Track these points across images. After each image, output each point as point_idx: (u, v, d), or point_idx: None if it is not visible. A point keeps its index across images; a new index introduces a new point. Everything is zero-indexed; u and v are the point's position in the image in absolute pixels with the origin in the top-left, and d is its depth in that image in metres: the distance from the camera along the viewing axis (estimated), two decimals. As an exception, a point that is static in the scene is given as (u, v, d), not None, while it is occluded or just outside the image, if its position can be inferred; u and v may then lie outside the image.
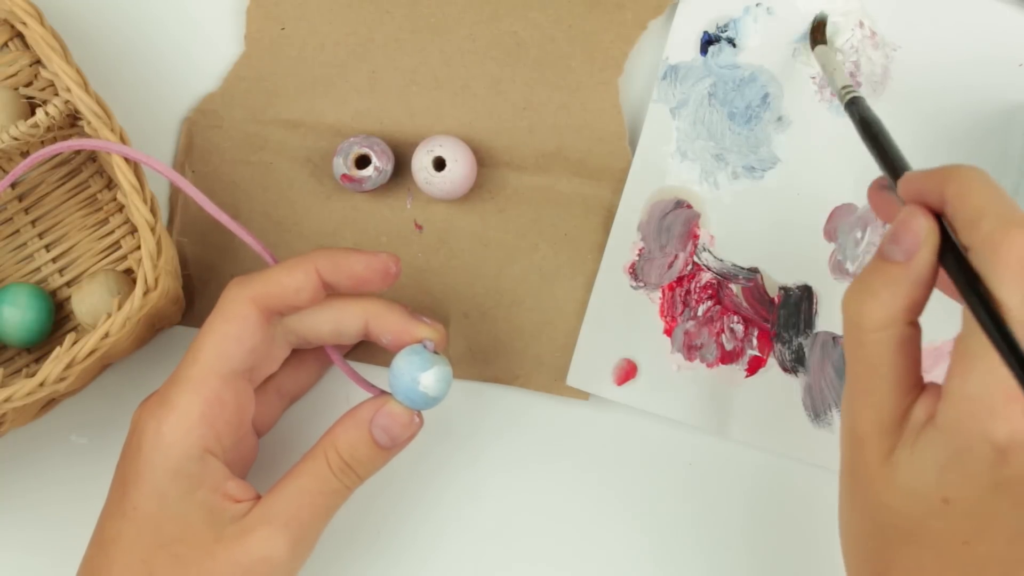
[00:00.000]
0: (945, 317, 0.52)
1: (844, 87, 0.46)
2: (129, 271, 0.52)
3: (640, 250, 0.52)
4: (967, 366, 0.34)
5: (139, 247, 0.50)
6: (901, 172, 0.39)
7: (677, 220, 0.53)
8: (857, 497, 0.38)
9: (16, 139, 0.47)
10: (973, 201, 0.35)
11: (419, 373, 0.44)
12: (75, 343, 0.44)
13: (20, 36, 0.50)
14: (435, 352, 0.45)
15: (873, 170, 0.53)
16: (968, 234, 0.35)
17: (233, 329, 0.44)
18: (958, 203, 0.35)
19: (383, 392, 0.46)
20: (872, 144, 0.42)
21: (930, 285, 0.37)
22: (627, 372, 0.52)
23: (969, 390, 0.34)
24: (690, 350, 0.52)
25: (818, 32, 0.51)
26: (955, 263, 0.35)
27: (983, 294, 0.34)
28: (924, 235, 0.36)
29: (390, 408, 0.44)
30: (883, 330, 0.36)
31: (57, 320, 0.52)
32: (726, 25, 0.53)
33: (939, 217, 0.37)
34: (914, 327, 0.37)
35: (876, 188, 0.42)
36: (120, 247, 0.53)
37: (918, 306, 0.37)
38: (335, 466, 0.44)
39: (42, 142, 0.51)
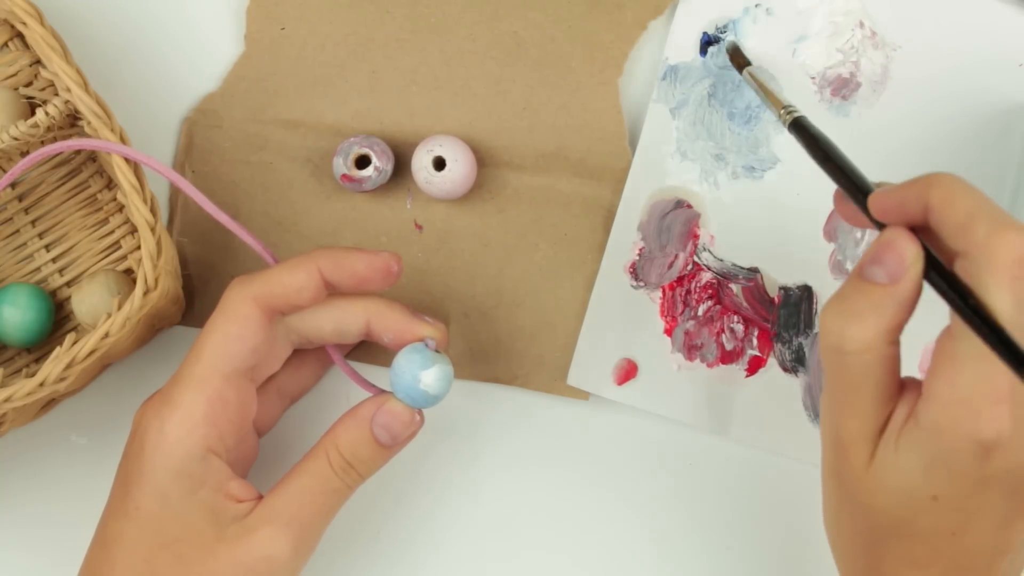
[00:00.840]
0: (946, 317, 0.52)
1: (785, 107, 0.45)
2: (129, 271, 0.52)
3: (640, 250, 0.52)
4: (954, 369, 0.35)
5: (139, 247, 0.50)
6: (865, 187, 0.39)
7: (677, 220, 0.53)
8: (844, 499, 0.39)
9: (16, 139, 0.47)
10: (962, 206, 0.35)
11: (420, 371, 0.44)
12: (75, 343, 0.44)
13: (20, 36, 0.50)
14: (436, 351, 0.45)
15: (872, 167, 0.53)
16: (959, 240, 0.35)
17: (235, 329, 0.44)
18: (945, 210, 0.35)
19: (383, 391, 0.46)
20: (826, 163, 0.41)
21: (913, 305, 0.37)
22: (627, 372, 0.52)
23: (956, 393, 0.35)
24: (690, 350, 0.52)
25: (737, 58, 0.51)
26: (943, 279, 0.35)
27: (977, 304, 0.34)
28: (911, 258, 0.36)
29: (391, 406, 0.44)
30: (866, 352, 0.37)
31: (57, 320, 0.52)
32: (726, 25, 0.53)
33: (916, 231, 0.37)
34: (895, 346, 0.37)
35: (843, 198, 0.41)
36: (120, 247, 0.53)
37: (901, 327, 0.37)
38: (336, 465, 0.44)
39: (42, 142, 0.51)
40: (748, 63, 0.51)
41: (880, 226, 0.37)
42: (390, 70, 0.53)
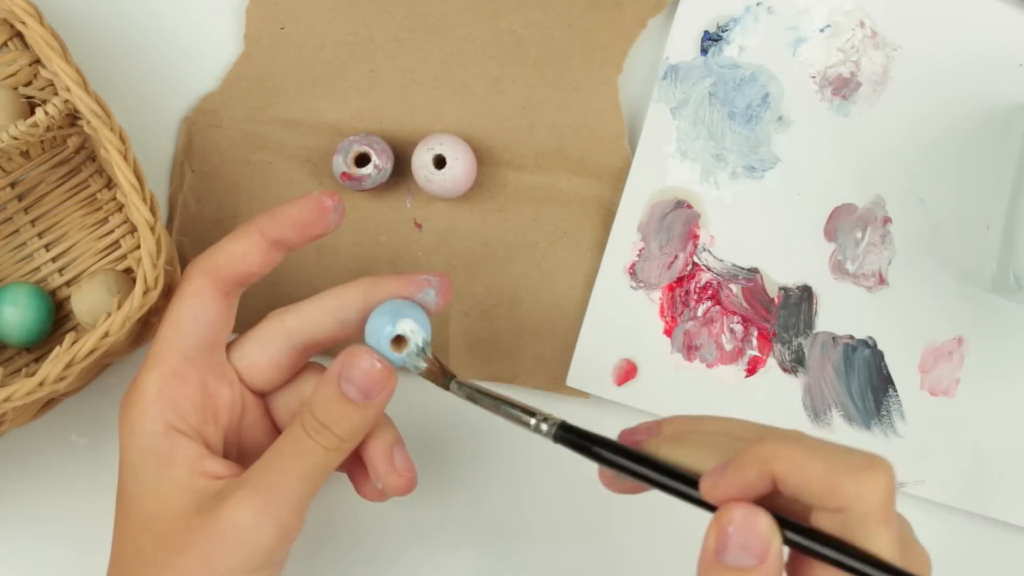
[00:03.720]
0: (946, 317, 0.52)
1: (537, 415, 0.41)
2: (129, 271, 0.52)
3: (640, 250, 0.52)
4: None
5: (139, 246, 0.50)
6: (686, 476, 0.37)
7: (677, 220, 0.53)
8: None
9: (16, 139, 0.47)
10: (814, 469, 0.34)
11: (384, 322, 0.42)
12: (75, 343, 0.44)
13: (20, 36, 0.50)
14: (436, 296, 0.43)
15: (872, 167, 0.53)
16: (827, 500, 0.34)
17: (187, 306, 0.44)
18: (798, 479, 0.34)
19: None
20: (637, 467, 0.38)
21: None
22: (627, 372, 0.52)
23: None
24: (690, 350, 0.52)
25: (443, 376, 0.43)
26: (811, 538, 0.35)
27: (867, 554, 0.34)
28: (770, 532, 0.35)
29: (351, 358, 0.42)
30: None
31: (57, 320, 0.52)
32: (727, 24, 0.53)
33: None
34: None
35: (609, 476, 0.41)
36: (120, 246, 0.53)
37: None
38: (309, 426, 0.42)
39: (41, 141, 0.51)
40: (453, 376, 0.43)
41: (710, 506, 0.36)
42: (390, 69, 0.53)
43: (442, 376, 0.42)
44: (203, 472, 0.42)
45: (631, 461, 0.38)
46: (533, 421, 0.41)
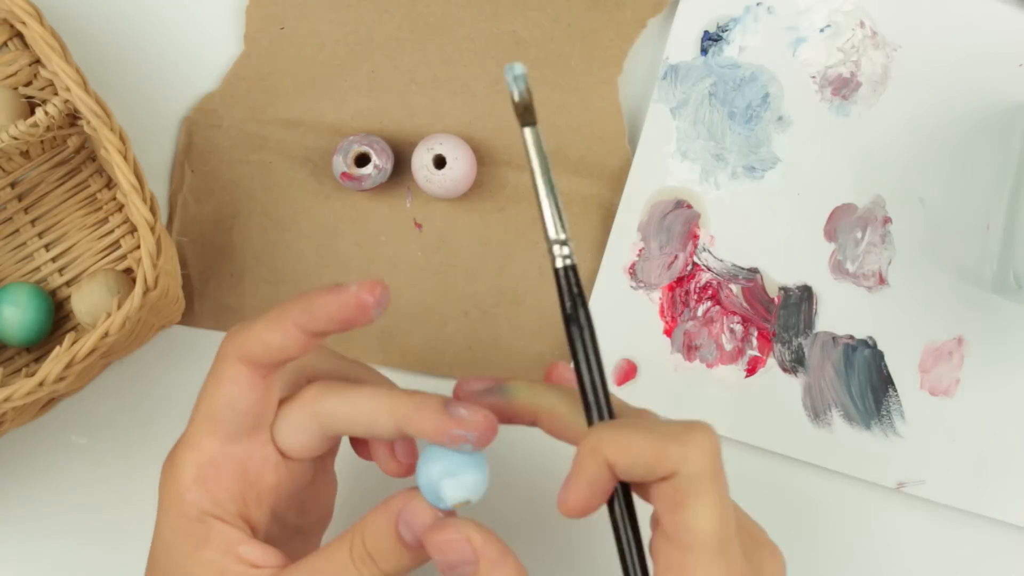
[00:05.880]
0: (946, 317, 0.52)
1: (569, 243, 0.39)
2: (129, 271, 0.52)
3: (640, 250, 0.52)
4: None
5: (139, 246, 0.50)
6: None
7: (677, 220, 0.53)
8: None
9: (16, 139, 0.47)
10: (638, 445, 0.36)
11: (440, 480, 0.40)
12: (75, 343, 0.44)
13: (20, 36, 0.50)
14: (474, 449, 0.40)
15: (872, 167, 0.53)
16: (659, 468, 0.36)
17: (223, 393, 0.41)
18: (627, 457, 0.36)
19: None
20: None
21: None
22: (627, 372, 0.52)
23: None
24: (690, 350, 0.52)
25: (526, 114, 0.39)
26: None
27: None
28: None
29: (415, 505, 0.40)
30: None
31: (57, 320, 0.52)
32: (727, 24, 0.53)
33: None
34: None
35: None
36: (120, 246, 0.53)
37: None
38: (357, 554, 0.40)
39: (41, 141, 0.51)
40: (534, 122, 0.39)
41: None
42: (389, 69, 0.53)
43: (524, 114, 0.39)
44: (239, 558, 0.41)
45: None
46: (563, 237, 0.39)
